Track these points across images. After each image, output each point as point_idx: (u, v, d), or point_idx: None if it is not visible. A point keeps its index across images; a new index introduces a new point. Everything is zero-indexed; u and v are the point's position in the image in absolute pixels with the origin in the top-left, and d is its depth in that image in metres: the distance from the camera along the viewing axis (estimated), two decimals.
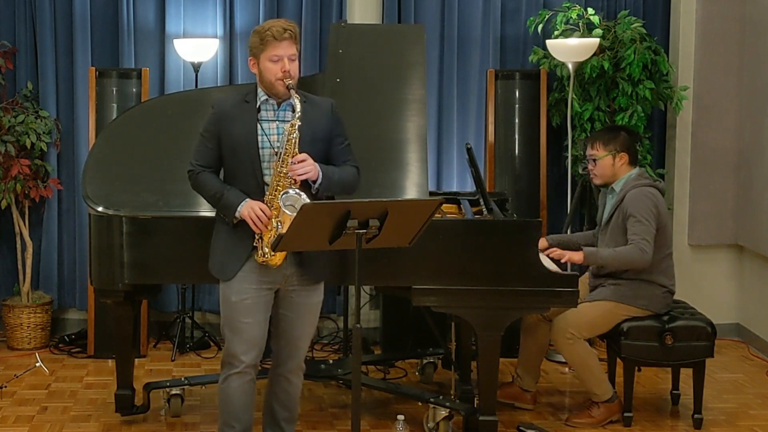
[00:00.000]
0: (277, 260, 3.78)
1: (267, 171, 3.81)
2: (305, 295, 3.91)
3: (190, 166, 3.92)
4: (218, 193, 3.83)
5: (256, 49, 3.81)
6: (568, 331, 4.66)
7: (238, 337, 3.84)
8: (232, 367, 3.87)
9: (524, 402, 4.96)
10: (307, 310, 3.93)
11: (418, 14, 6.13)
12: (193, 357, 5.82)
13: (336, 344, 6.04)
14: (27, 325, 5.85)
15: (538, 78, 5.98)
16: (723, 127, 6.22)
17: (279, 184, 3.76)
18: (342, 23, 5.05)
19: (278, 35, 3.76)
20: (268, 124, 3.84)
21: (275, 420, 4.05)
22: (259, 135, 3.81)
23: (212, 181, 3.88)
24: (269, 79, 3.79)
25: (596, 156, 4.83)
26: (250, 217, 3.74)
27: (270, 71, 3.78)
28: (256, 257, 3.80)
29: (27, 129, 5.72)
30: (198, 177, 3.90)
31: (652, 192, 4.73)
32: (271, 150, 3.80)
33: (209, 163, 3.89)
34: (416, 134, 4.72)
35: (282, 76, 3.76)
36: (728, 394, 5.30)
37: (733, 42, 6.17)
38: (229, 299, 3.85)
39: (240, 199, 3.79)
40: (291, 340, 3.95)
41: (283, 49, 3.77)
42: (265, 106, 3.85)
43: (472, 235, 4.39)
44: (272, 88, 3.81)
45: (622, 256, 4.66)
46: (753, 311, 6.21)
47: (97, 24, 5.99)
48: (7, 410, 4.88)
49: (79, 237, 5.98)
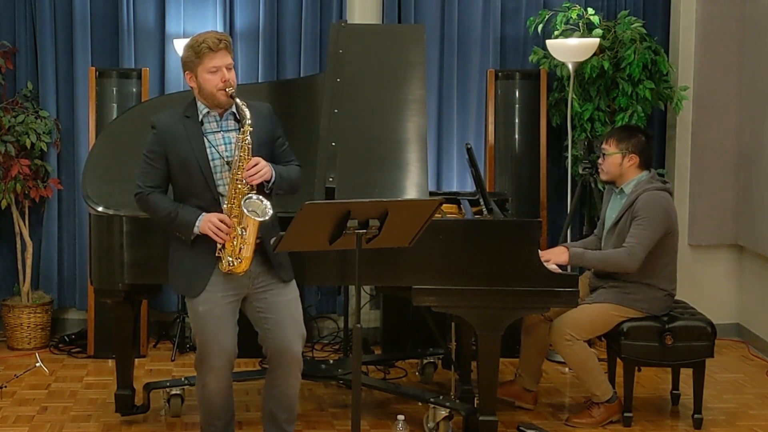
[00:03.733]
0: (243, 267, 3.81)
1: (220, 182, 3.85)
2: (280, 293, 3.93)
3: (138, 189, 3.92)
4: (172, 212, 3.85)
5: (192, 63, 3.82)
6: (566, 332, 4.66)
7: (209, 346, 3.89)
8: (207, 374, 3.93)
9: (525, 401, 4.96)
10: (288, 307, 3.94)
11: (418, 14, 6.13)
12: (193, 357, 5.78)
13: (336, 344, 6.04)
14: (27, 325, 5.85)
15: (538, 78, 5.98)
16: (723, 127, 6.22)
17: (237, 191, 3.78)
18: (342, 23, 5.05)
19: (214, 46, 3.78)
20: (213, 136, 3.86)
21: (276, 422, 4.05)
22: (207, 148, 3.84)
23: (163, 201, 3.90)
24: (210, 91, 3.81)
25: (607, 151, 4.83)
26: (211, 230, 3.77)
27: (210, 82, 3.80)
28: (221, 267, 3.82)
29: (27, 129, 5.72)
30: (148, 198, 3.90)
31: (665, 197, 4.71)
32: (222, 161, 3.83)
33: (157, 184, 3.90)
34: (416, 134, 4.72)
35: (223, 86, 3.79)
36: (728, 394, 5.29)
37: (733, 42, 6.17)
38: (196, 310, 3.90)
39: (195, 216, 3.81)
40: (281, 343, 3.94)
41: (220, 59, 3.79)
42: (208, 118, 3.88)
43: (472, 235, 4.39)
44: (214, 99, 3.83)
45: (609, 259, 4.67)
46: (753, 311, 6.21)
47: (97, 24, 5.99)
48: (7, 410, 4.88)
49: (79, 237, 5.98)
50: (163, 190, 3.93)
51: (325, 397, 5.13)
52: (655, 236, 4.64)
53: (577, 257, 4.68)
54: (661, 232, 4.67)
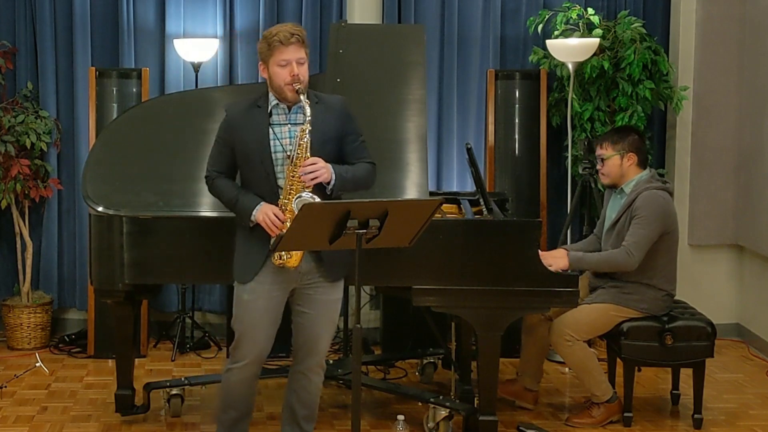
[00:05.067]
0: (294, 262, 3.81)
1: (280, 175, 3.84)
2: (324, 292, 3.93)
3: (207, 172, 3.98)
4: (234, 198, 3.88)
5: (265, 54, 3.84)
6: (566, 332, 4.66)
7: (246, 335, 3.91)
8: (236, 362, 3.95)
9: (526, 401, 4.96)
10: (326, 307, 3.95)
11: (418, 14, 6.13)
12: (193, 357, 5.82)
13: (336, 344, 6.02)
14: (27, 325, 5.85)
15: (538, 78, 5.98)
16: (723, 127, 6.22)
17: (292, 187, 3.79)
18: (342, 23, 5.04)
19: (285, 40, 3.79)
20: (279, 128, 3.86)
21: (294, 418, 4.07)
22: (271, 139, 3.84)
23: (228, 186, 3.93)
24: (278, 84, 3.82)
25: (604, 155, 4.83)
26: (265, 222, 3.78)
27: (279, 76, 3.80)
28: (273, 260, 3.82)
29: (27, 129, 5.72)
30: (214, 182, 3.95)
31: (664, 197, 4.72)
32: (284, 154, 3.82)
33: (224, 169, 3.94)
34: (416, 134, 4.72)
35: (291, 80, 3.79)
36: (728, 394, 5.29)
37: (733, 42, 6.17)
38: (241, 297, 3.91)
39: (254, 204, 3.82)
40: (310, 338, 3.96)
41: (291, 53, 3.80)
42: (276, 110, 3.88)
43: (472, 235, 4.39)
44: (282, 93, 3.83)
45: (608, 260, 4.68)
46: (753, 311, 6.21)
47: (97, 24, 5.99)
48: (7, 410, 4.88)
49: (79, 237, 5.98)
50: (229, 175, 3.95)
51: (325, 397, 5.12)
52: (653, 235, 4.64)
53: (577, 261, 4.68)
54: (659, 232, 4.66)
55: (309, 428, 4.09)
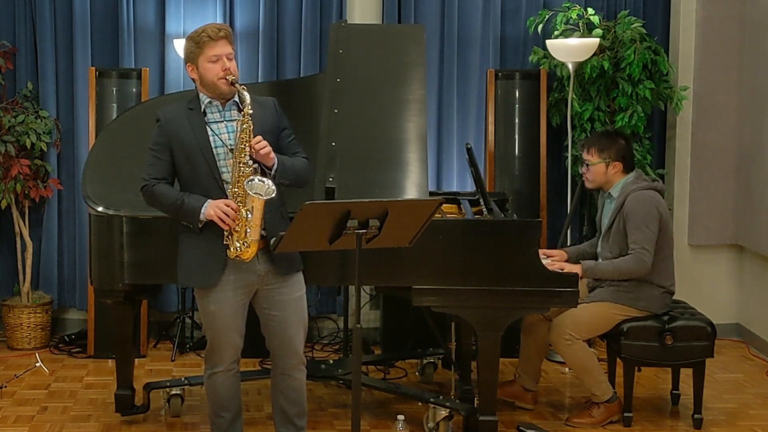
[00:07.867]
0: (250, 253, 3.80)
1: (224, 169, 3.85)
2: (286, 292, 3.94)
3: (144, 181, 3.93)
4: (177, 200, 3.86)
5: (193, 53, 3.85)
6: (566, 332, 4.66)
7: (219, 341, 3.95)
8: (216, 367, 4.00)
9: (525, 401, 4.96)
10: (293, 306, 3.96)
11: (418, 14, 6.13)
12: (193, 357, 5.82)
13: (336, 344, 6.04)
14: (27, 325, 5.85)
15: (538, 78, 5.98)
16: (723, 127, 6.22)
17: (240, 175, 3.78)
18: (342, 23, 5.05)
19: (214, 35, 3.81)
20: (216, 125, 3.88)
21: (287, 417, 4.08)
22: (210, 137, 3.85)
23: (169, 190, 3.91)
24: (211, 80, 3.83)
25: (590, 161, 4.83)
26: (217, 215, 3.77)
27: (211, 71, 3.82)
28: (229, 254, 3.82)
29: (27, 129, 5.72)
30: (153, 189, 3.90)
31: (652, 195, 4.72)
32: (225, 148, 3.85)
33: (163, 176, 3.91)
34: (416, 134, 4.72)
35: (224, 74, 3.80)
36: (728, 394, 5.29)
37: (733, 42, 6.17)
38: (207, 308, 3.92)
39: (201, 202, 3.82)
40: (284, 339, 3.98)
41: (220, 48, 3.81)
42: (210, 108, 3.89)
43: (472, 235, 4.39)
44: (215, 89, 3.84)
45: (621, 267, 4.66)
46: (753, 311, 6.21)
47: (97, 24, 5.99)
48: (7, 410, 4.88)
49: (79, 237, 5.98)
50: (168, 182, 3.93)
51: (325, 397, 5.13)
52: (655, 234, 4.65)
53: (590, 270, 4.67)
54: (657, 229, 4.67)
55: (302, 423, 4.10)
